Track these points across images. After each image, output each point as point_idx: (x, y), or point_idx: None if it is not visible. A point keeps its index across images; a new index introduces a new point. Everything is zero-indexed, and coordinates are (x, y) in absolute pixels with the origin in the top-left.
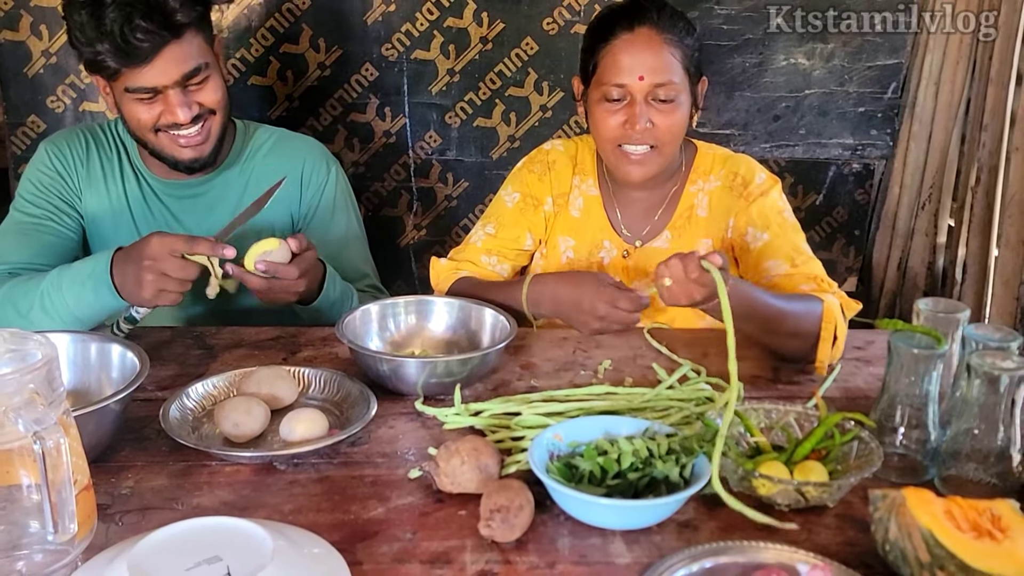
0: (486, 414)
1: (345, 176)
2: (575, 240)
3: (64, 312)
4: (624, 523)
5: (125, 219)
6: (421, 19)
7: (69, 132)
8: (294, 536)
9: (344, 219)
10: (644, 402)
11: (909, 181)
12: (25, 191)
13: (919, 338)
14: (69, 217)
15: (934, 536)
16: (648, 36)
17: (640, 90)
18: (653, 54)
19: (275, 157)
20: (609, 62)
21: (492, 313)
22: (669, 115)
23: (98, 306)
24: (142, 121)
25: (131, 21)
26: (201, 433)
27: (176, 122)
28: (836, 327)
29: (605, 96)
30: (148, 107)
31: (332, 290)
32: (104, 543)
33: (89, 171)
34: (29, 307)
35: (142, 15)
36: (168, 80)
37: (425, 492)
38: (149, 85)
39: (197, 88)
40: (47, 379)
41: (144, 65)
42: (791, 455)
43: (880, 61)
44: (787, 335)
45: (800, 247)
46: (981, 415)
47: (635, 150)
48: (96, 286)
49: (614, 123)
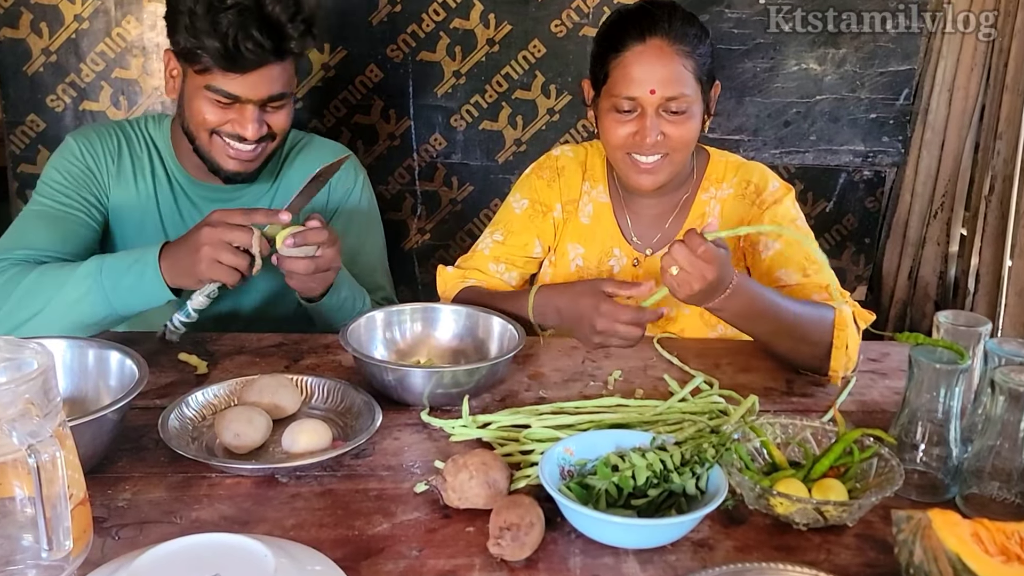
0: (494, 426)
1: (371, 188)
2: (585, 248)
3: (99, 298)
4: (637, 542)
5: (152, 219)
6: (427, 20)
7: (100, 127)
8: (296, 553)
9: (364, 228)
10: (656, 415)
11: (921, 189)
12: (51, 180)
13: (940, 352)
14: (96, 211)
15: (961, 560)
16: (659, 48)
17: (651, 103)
18: (665, 66)
19: (305, 162)
20: (620, 74)
21: (500, 322)
22: (681, 126)
23: (139, 293)
24: (207, 120)
25: (247, 29)
26: (201, 443)
27: (243, 136)
28: (848, 336)
29: (616, 107)
30: (220, 111)
31: (342, 287)
32: (100, 559)
33: (120, 168)
34: (58, 292)
35: (259, 27)
36: (255, 95)
37: (432, 507)
38: (235, 93)
39: (273, 111)
40: (43, 389)
41: (240, 74)
42: (809, 472)
43: (892, 67)
44: (797, 340)
45: (813, 256)
46: (1004, 432)
47: (646, 160)
48: (142, 270)
49: (625, 133)
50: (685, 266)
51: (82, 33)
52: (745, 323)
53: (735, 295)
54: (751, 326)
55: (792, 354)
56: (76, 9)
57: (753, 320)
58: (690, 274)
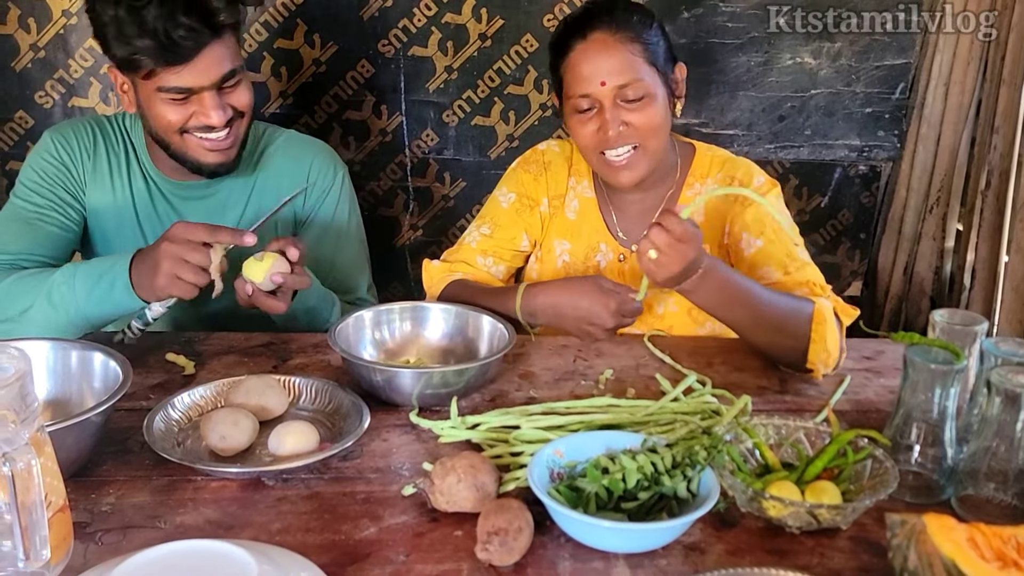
0: (483, 427)
1: (351, 183)
2: (571, 243)
3: (71, 307)
4: (628, 546)
5: (129, 216)
6: (419, 15)
7: (75, 123)
8: (280, 560)
9: (343, 225)
10: (647, 415)
11: (916, 184)
12: (27, 179)
13: (936, 352)
14: (72, 209)
15: (957, 566)
16: (602, 40)
17: (606, 95)
18: (611, 56)
19: (283, 158)
20: (571, 75)
21: (490, 321)
22: (642, 112)
23: (109, 303)
24: (171, 122)
25: (174, 18)
26: (186, 446)
27: (209, 124)
28: (827, 330)
29: (576, 108)
30: (179, 108)
31: (309, 295)
32: (83, 564)
33: (95, 164)
34: (34, 299)
35: (184, 12)
36: (207, 81)
37: (419, 510)
38: (186, 85)
39: (231, 90)
40: (20, 394)
41: (184, 65)
42: (802, 474)
43: (888, 61)
44: (774, 331)
45: (794, 253)
46: (1001, 433)
47: (617, 154)
48: (112, 281)
49: (589, 132)
50: (664, 248)
51: (70, 28)
52: (719, 308)
53: (707, 276)
54: (725, 312)
55: (771, 348)
56: (64, 4)
57: (727, 305)
58: (669, 256)
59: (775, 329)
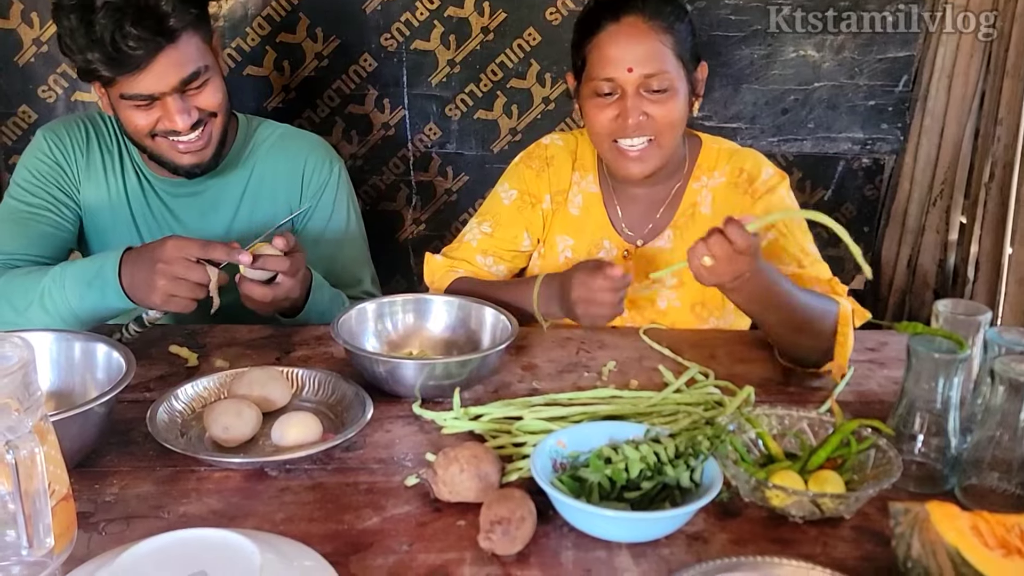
0: (486, 418)
1: (348, 176)
2: (574, 239)
3: (65, 311)
4: (630, 535)
5: (123, 214)
6: (421, 8)
7: (68, 120)
8: (284, 548)
9: (343, 220)
10: (650, 406)
11: (920, 177)
12: (21, 179)
13: (939, 342)
14: (67, 208)
15: (960, 554)
16: (635, 25)
17: (630, 82)
18: (641, 44)
19: (278, 153)
20: (596, 56)
21: (493, 312)
22: (663, 105)
23: (103, 307)
24: (139, 127)
25: (122, 28)
26: (190, 437)
27: (175, 129)
28: (850, 332)
29: (596, 91)
30: (145, 113)
31: (320, 298)
32: (86, 554)
33: (89, 162)
34: (27, 304)
35: (133, 21)
36: (165, 87)
37: (422, 501)
38: (146, 92)
39: (196, 92)
40: (23, 383)
41: (138, 73)
42: (805, 464)
43: (891, 53)
44: (801, 332)
45: (807, 248)
46: (1004, 422)
47: (632, 145)
48: (103, 286)
49: (606, 118)
50: (721, 258)
51: None
52: (756, 307)
53: (753, 279)
54: (760, 311)
55: (794, 346)
56: None
57: (764, 306)
58: (723, 266)
59: (803, 331)
